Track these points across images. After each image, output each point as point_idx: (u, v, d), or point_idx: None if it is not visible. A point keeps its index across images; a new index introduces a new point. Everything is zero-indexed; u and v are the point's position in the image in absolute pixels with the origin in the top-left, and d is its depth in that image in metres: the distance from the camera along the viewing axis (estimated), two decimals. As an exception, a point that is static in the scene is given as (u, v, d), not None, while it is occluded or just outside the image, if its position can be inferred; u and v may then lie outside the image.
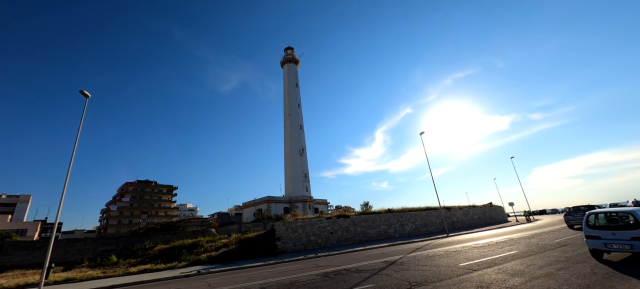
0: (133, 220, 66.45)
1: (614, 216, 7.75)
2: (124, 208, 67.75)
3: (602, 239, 7.41)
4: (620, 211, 7.56)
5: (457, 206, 31.34)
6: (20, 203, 57.97)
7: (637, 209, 7.26)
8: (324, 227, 21.53)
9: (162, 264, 16.98)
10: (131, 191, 70.14)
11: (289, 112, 58.38)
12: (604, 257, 7.72)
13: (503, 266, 7.64)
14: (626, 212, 7.37)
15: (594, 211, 8.12)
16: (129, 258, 20.56)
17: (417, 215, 26.68)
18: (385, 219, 24.65)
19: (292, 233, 20.19)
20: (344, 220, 22.78)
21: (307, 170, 56.11)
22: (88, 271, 16.88)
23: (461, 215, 30.51)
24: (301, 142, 57.08)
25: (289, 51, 64.50)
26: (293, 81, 61.51)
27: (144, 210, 69.44)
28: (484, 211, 33.79)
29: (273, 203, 49.65)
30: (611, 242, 7.24)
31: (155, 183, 74.92)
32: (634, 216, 7.05)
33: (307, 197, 52.81)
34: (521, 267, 7.21)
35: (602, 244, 7.42)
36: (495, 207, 37.30)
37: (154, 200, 73.31)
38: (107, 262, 19.85)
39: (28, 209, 59.69)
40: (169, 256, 19.58)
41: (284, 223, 20.52)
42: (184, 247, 20.56)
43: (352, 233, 22.47)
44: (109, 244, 26.68)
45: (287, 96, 60.30)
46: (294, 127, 57.11)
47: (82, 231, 69.63)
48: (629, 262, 7.05)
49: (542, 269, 6.88)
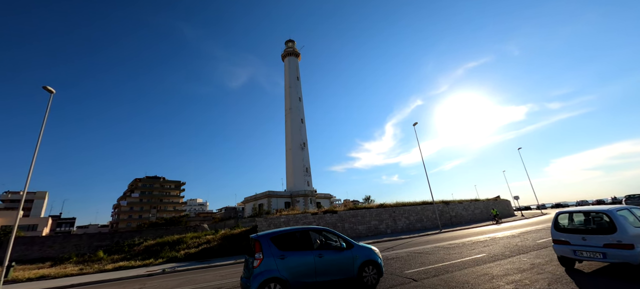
0: (143, 215, 68.46)
1: (586, 217, 6.50)
2: (133, 203, 69.88)
3: (571, 244, 6.08)
4: (592, 211, 6.30)
5: (457, 200, 29.84)
6: (37, 200, 60.87)
7: (613, 208, 5.89)
8: (309, 223, 20.85)
9: (139, 261, 16.90)
10: (140, 186, 72.13)
11: (290, 106, 57.71)
12: (576, 266, 6.53)
13: (453, 275, 6.65)
14: (599, 212, 6.02)
15: (564, 211, 6.87)
16: (115, 254, 20.71)
17: (412, 210, 25.52)
18: (376, 215, 23.69)
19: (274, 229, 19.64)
20: (331, 216, 22.02)
21: (308, 164, 55.53)
22: (68, 268, 17.03)
23: (461, 210, 29.01)
24: (302, 137, 56.43)
25: (289, 44, 63.57)
26: (294, 74, 60.65)
27: (153, 205, 71.38)
28: (487, 205, 32.04)
29: (274, 198, 49.48)
30: (581, 249, 5.91)
31: (163, 179, 76.69)
32: (609, 217, 5.74)
33: (309, 192, 52.32)
34: (470, 278, 6.16)
35: (570, 251, 6.06)
36: (501, 201, 35.35)
37: (163, 195, 75.16)
38: (94, 258, 20.06)
39: (44, 205, 62.65)
40: (151, 252, 19.55)
41: (265, 219, 20.01)
42: (167, 243, 20.48)
43: (340, 229, 21.66)
44: (104, 239, 27.20)
45: (288, 89, 59.59)
46: (295, 121, 56.47)
47: (96, 225, 72.48)
48: (602, 274, 5.78)
49: (493, 281, 5.82)
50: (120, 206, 68.84)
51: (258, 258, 5.63)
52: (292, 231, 6.34)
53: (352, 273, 6.24)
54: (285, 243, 6.05)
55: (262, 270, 5.55)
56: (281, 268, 5.67)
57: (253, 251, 5.87)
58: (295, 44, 64.06)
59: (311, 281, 5.87)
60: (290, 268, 5.76)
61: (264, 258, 5.63)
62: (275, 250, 5.83)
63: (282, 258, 5.77)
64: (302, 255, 5.98)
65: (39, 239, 26.21)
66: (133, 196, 70.83)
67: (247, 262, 6.18)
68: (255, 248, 5.81)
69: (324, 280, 5.98)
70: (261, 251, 5.71)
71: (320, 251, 6.19)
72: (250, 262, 5.89)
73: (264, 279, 5.44)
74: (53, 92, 13.80)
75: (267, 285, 5.46)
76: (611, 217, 5.70)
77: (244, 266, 6.39)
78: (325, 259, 6.09)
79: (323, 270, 6.01)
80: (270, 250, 5.79)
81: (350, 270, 6.24)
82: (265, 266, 5.59)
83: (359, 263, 6.33)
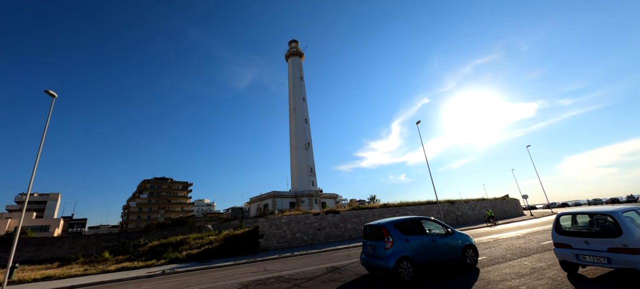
0: (151, 216, 69.65)
1: (590, 218, 6.10)
2: (142, 204, 71.15)
3: (573, 248, 5.71)
4: (596, 212, 5.87)
5: (463, 200, 29.22)
6: (50, 201, 62.61)
7: (618, 209, 5.46)
8: (311, 223, 20.69)
9: (142, 262, 17.05)
10: (149, 187, 73.40)
11: (294, 106, 57.70)
12: (579, 271, 6.14)
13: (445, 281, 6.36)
14: (603, 213, 5.59)
15: (567, 212, 6.47)
16: (120, 255, 20.99)
17: (416, 210, 25.12)
18: (379, 215, 23.37)
19: (276, 230, 19.56)
20: (333, 216, 21.81)
21: (313, 164, 55.41)
22: (74, 268, 17.33)
23: (467, 209, 28.38)
24: (307, 137, 56.32)
25: (293, 44, 63.54)
26: (298, 74, 60.62)
27: (161, 206, 72.53)
28: (494, 204, 31.27)
29: (278, 198, 49.55)
30: (584, 253, 5.52)
31: (171, 180, 77.87)
32: (614, 219, 5.33)
33: (314, 192, 52.20)
34: (462, 285, 5.83)
35: (572, 255, 5.69)
36: (510, 201, 34.47)
37: (170, 196, 76.31)
38: (99, 258, 20.38)
39: (57, 206, 64.38)
40: (155, 253, 19.72)
41: (267, 220, 19.94)
42: (170, 244, 20.63)
43: (342, 230, 21.47)
44: (111, 240, 27.67)
45: (291, 90, 59.61)
46: (299, 122, 56.44)
47: (107, 226, 74.09)
48: (608, 280, 5.36)
49: (488, 287, 5.50)
50: (130, 207, 70.19)
51: (389, 240, 6.99)
52: (407, 220, 7.73)
53: (458, 255, 7.61)
54: (404, 229, 7.38)
55: (394, 251, 6.88)
56: (408, 249, 7.01)
57: (380, 236, 7.17)
58: (298, 44, 64.02)
59: (428, 260, 7.16)
60: (413, 248, 7.07)
61: (394, 241, 6.99)
62: (400, 235, 7.20)
63: (407, 241, 7.11)
64: (420, 238, 7.34)
65: (48, 240, 26.83)
66: (142, 197, 72.13)
67: (366, 244, 7.70)
68: (383, 233, 7.14)
69: (438, 260, 7.32)
70: (390, 235, 7.08)
71: (432, 236, 7.60)
72: (377, 244, 7.17)
73: (399, 257, 6.78)
74: (55, 96, 13.98)
75: (401, 262, 6.78)
76: (616, 219, 5.31)
77: (363, 246, 7.90)
78: (437, 242, 7.47)
79: (436, 252, 7.36)
80: (397, 235, 7.16)
81: (457, 252, 7.62)
82: (395, 247, 6.91)
83: (462, 246, 7.73)
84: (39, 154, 13.26)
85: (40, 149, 13.34)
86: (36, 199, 61.90)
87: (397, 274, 6.64)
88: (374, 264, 7.16)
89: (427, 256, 7.15)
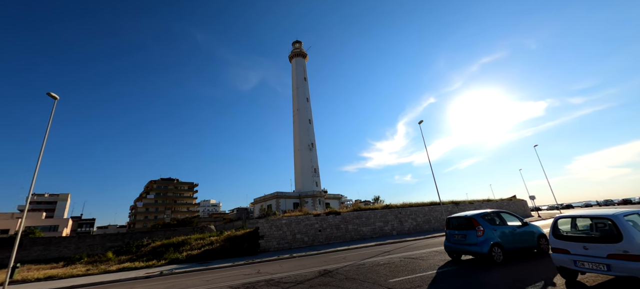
0: (158, 216, 70.63)
1: (590, 222, 5.79)
2: (149, 205, 72.22)
3: (571, 254, 5.47)
4: (595, 216, 5.58)
5: (468, 201, 28.69)
6: (60, 201, 64.13)
7: (619, 212, 5.20)
8: (312, 224, 20.57)
9: (143, 263, 17.18)
10: (155, 188, 74.46)
11: (298, 106, 57.74)
12: (578, 278, 5.84)
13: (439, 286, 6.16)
14: (603, 217, 5.30)
15: (565, 215, 6.16)
16: (123, 255, 21.22)
17: (419, 211, 24.73)
18: (381, 216, 23.11)
19: (276, 231, 19.49)
20: (334, 217, 21.64)
21: (317, 165, 55.31)
22: (77, 268, 17.58)
23: (472, 210, 27.80)
24: (310, 137, 56.29)
25: (296, 45, 63.59)
26: (301, 75, 60.64)
27: (167, 206, 73.50)
28: (500, 205, 30.59)
29: (282, 199, 49.63)
30: (582, 259, 5.24)
31: (177, 181, 78.83)
32: (614, 224, 5.07)
33: (317, 193, 52.10)
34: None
35: (570, 261, 5.42)
36: (517, 201, 33.69)
37: (177, 197, 77.27)
38: (103, 258, 20.65)
39: (67, 206, 65.89)
40: (156, 253, 19.86)
41: (267, 220, 19.90)
42: (172, 245, 20.76)
43: (343, 231, 21.27)
44: (116, 240, 28.05)
45: (295, 90, 59.67)
46: (302, 122, 56.44)
47: (115, 226, 75.48)
48: (608, 288, 5.09)
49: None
50: (137, 208, 71.32)
51: (480, 229, 8.12)
52: (489, 212, 8.89)
53: (533, 243, 8.80)
54: (489, 220, 8.53)
55: (486, 238, 8.01)
56: (497, 236, 8.16)
57: (471, 226, 8.35)
58: (302, 44, 64.05)
59: (513, 247, 8.34)
60: (501, 236, 8.26)
61: (485, 229, 8.12)
62: (488, 224, 8.33)
63: (495, 230, 8.26)
64: (505, 228, 8.52)
65: (55, 239, 27.35)
66: (148, 197, 73.22)
67: (453, 234, 8.93)
68: (473, 224, 8.32)
69: (519, 247, 8.50)
70: (480, 225, 8.22)
71: (513, 226, 8.78)
72: (468, 233, 8.34)
73: (492, 243, 7.92)
74: (57, 98, 14.20)
75: (494, 247, 7.91)
76: (616, 223, 5.01)
77: (447, 236, 9.26)
78: (518, 231, 8.68)
79: (519, 239, 8.57)
80: (486, 224, 8.28)
81: (533, 241, 8.82)
82: (487, 235, 8.06)
83: (536, 235, 8.92)
84: (40, 156, 13.48)
85: (41, 150, 13.57)
86: (47, 199, 63.47)
87: (490, 257, 7.75)
88: (465, 250, 8.30)
89: (512, 243, 8.28)
